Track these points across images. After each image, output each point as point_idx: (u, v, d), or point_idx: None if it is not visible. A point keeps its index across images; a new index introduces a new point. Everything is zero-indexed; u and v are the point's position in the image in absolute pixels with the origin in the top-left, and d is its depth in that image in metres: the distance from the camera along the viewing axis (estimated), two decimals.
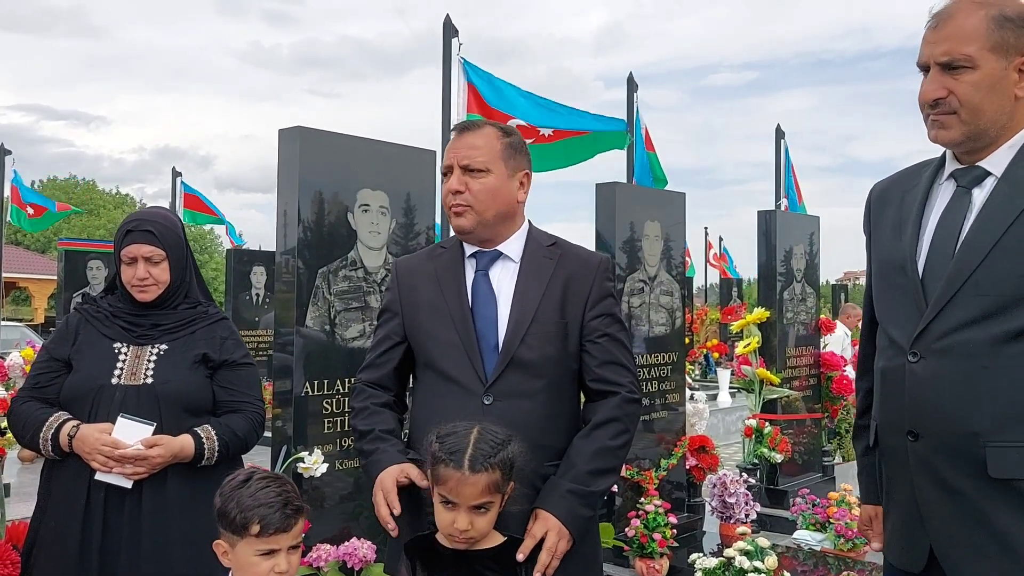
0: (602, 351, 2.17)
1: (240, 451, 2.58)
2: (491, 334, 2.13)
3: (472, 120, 2.29)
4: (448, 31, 5.45)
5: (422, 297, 2.22)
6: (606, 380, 2.16)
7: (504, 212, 2.19)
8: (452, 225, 2.20)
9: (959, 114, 1.79)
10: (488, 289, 2.18)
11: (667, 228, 5.07)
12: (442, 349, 2.15)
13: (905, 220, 1.92)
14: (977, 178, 1.85)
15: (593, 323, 2.17)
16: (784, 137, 8.31)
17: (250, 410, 2.60)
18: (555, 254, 2.22)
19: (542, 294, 2.15)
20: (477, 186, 2.15)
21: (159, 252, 2.50)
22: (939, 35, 1.80)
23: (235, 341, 2.64)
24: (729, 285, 20.58)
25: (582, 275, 2.20)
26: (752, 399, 6.12)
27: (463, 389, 2.09)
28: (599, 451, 2.08)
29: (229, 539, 1.92)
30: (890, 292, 1.93)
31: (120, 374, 2.45)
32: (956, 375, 1.76)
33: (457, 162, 2.16)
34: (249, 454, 2.67)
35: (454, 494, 1.85)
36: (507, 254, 2.21)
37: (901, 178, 2.05)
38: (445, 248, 2.30)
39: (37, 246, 36.97)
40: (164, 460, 2.37)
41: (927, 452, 1.81)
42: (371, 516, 3.58)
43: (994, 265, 1.75)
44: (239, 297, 10.76)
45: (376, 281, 3.70)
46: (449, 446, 1.87)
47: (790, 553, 4.37)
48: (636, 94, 7.17)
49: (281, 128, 3.51)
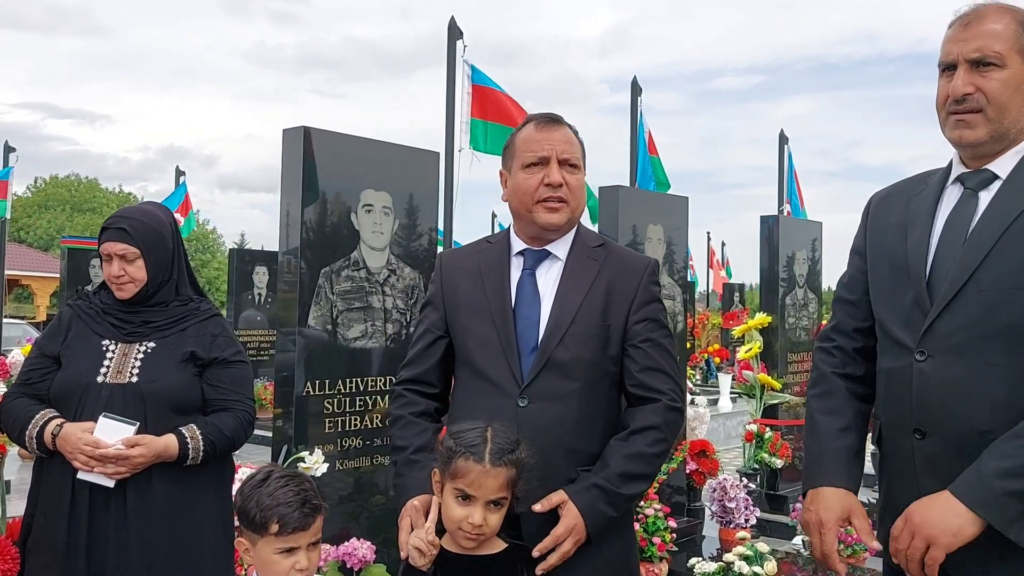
0: (644, 356, 2.10)
1: (228, 450, 2.54)
2: (532, 335, 2.08)
3: (554, 114, 2.19)
4: (453, 33, 5.45)
5: (463, 292, 2.18)
6: (647, 386, 2.09)
7: (583, 210, 2.19)
8: (541, 221, 2.11)
9: (985, 112, 1.81)
10: (533, 289, 2.13)
11: (669, 232, 5.07)
12: (479, 347, 2.11)
13: (912, 222, 1.93)
14: (984, 181, 1.86)
15: (637, 327, 2.11)
16: (788, 142, 8.31)
17: (239, 408, 2.54)
18: (601, 255, 2.16)
19: (584, 296, 2.09)
20: (574, 181, 2.11)
21: (132, 250, 2.48)
22: (969, 33, 1.81)
23: (227, 338, 2.59)
24: (731, 290, 20.58)
25: (628, 277, 2.14)
26: (753, 404, 6.12)
27: (498, 389, 2.06)
28: (634, 455, 2.03)
29: (250, 537, 1.93)
30: (893, 292, 1.93)
31: (106, 372, 2.43)
32: (964, 373, 1.77)
33: (557, 155, 2.09)
34: (250, 454, 2.67)
35: (474, 487, 1.83)
36: (555, 253, 2.16)
37: (905, 186, 2.06)
38: (492, 243, 2.25)
39: (40, 244, 37.03)
40: (146, 460, 2.35)
41: (934, 451, 1.81)
42: (371, 517, 3.60)
43: (995, 263, 1.76)
44: (241, 297, 10.77)
45: (379, 281, 3.70)
46: (468, 440, 1.86)
47: (789, 558, 4.37)
48: (640, 98, 7.17)
49: (285, 128, 3.51)
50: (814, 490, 1.97)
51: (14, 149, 10.87)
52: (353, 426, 3.60)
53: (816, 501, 1.94)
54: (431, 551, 1.87)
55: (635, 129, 7.07)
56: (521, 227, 2.21)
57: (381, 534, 3.42)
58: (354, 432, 3.60)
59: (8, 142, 10.90)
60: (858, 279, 2.07)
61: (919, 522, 1.74)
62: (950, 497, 1.71)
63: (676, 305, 5.09)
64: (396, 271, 3.77)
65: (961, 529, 1.68)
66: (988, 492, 1.67)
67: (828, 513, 1.89)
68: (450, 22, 5.46)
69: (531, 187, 2.11)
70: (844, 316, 2.09)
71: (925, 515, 1.74)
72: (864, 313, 2.04)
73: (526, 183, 2.12)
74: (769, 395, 6.06)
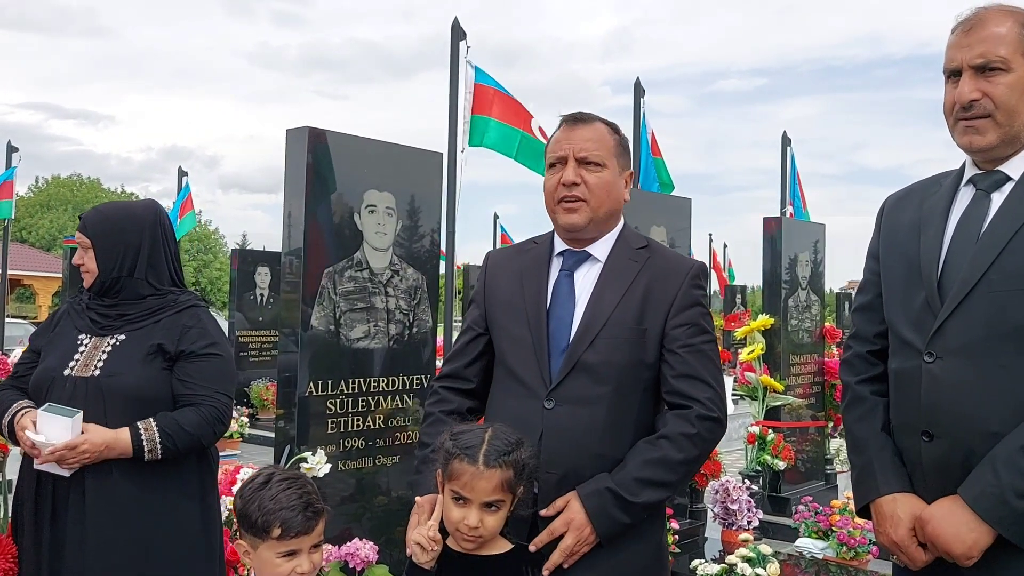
0: (681, 363, 2.02)
1: (190, 447, 2.39)
2: (563, 336, 2.05)
3: (582, 112, 2.15)
4: (456, 34, 5.45)
5: (502, 291, 2.17)
6: (681, 394, 2.01)
7: (613, 210, 2.13)
8: (561, 221, 2.10)
9: (994, 116, 1.80)
10: (569, 290, 2.11)
11: (672, 233, 5.07)
12: (512, 346, 2.10)
13: (926, 222, 1.93)
14: (997, 182, 1.86)
15: (675, 332, 2.03)
16: (790, 144, 8.31)
17: (206, 404, 2.40)
18: (643, 257, 2.11)
19: (620, 298, 2.04)
20: (593, 180, 2.06)
21: (85, 240, 2.50)
22: (972, 39, 1.80)
23: (200, 331, 2.48)
24: (732, 291, 20.58)
25: (668, 280, 2.07)
26: (755, 406, 6.11)
27: (527, 390, 2.04)
28: (655, 461, 1.96)
29: (250, 540, 1.93)
30: (904, 293, 1.92)
31: (74, 365, 2.42)
32: (974, 374, 1.76)
33: (573, 153, 2.06)
34: (252, 455, 2.66)
35: (467, 489, 1.84)
36: (595, 255, 2.13)
37: (919, 187, 2.05)
38: (537, 244, 2.23)
39: (42, 244, 37.06)
40: (93, 450, 2.27)
41: (942, 453, 1.80)
42: (373, 517, 3.59)
43: (1006, 263, 1.76)
44: (243, 297, 10.77)
45: (382, 282, 3.70)
46: (464, 442, 1.86)
47: (792, 561, 4.36)
48: (643, 99, 7.17)
49: (289, 128, 3.51)
50: (875, 504, 1.92)
51: (17, 149, 10.89)
52: (356, 427, 3.59)
53: (882, 521, 1.89)
54: (432, 547, 1.87)
55: (638, 131, 7.06)
56: (556, 229, 2.19)
57: (383, 534, 3.42)
58: (356, 433, 3.60)
59: (11, 142, 10.92)
60: (873, 282, 2.06)
61: (935, 533, 1.76)
62: (966, 509, 1.73)
63: None
64: (399, 272, 3.77)
65: (977, 543, 1.71)
66: (1009, 511, 1.69)
67: (898, 530, 1.85)
68: (453, 23, 5.46)
69: (551, 188, 2.11)
70: (861, 322, 2.08)
71: (941, 526, 1.75)
72: (880, 316, 2.02)
73: (547, 184, 2.12)
74: (771, 397, 6.06)
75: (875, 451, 1.94)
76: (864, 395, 2.01)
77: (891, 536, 1.86)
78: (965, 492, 1.74)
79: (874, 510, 1.92)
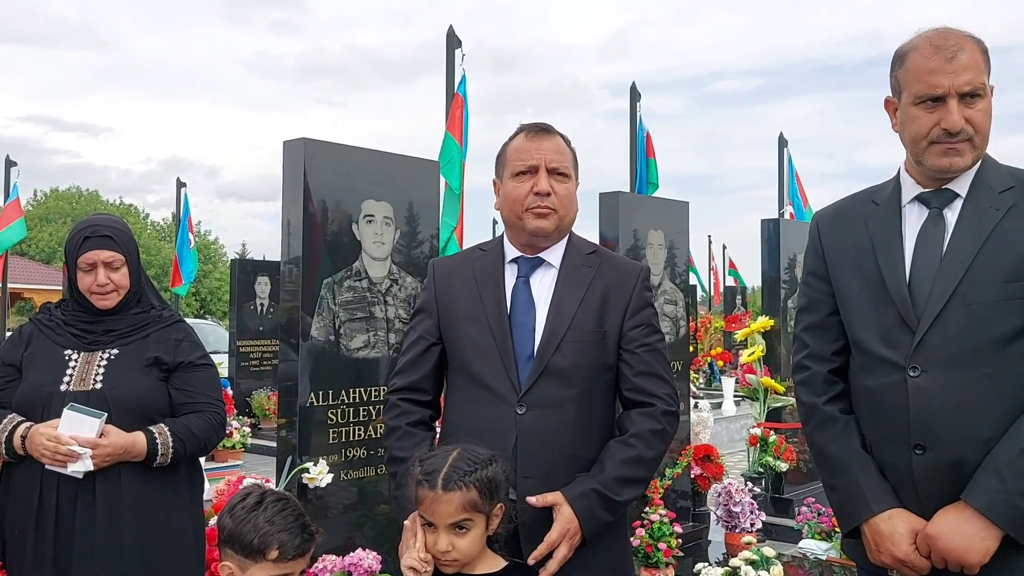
0: (640, 361, 2.13)
1: (198, 451, 2.53)
2: (527, 342, 2.11)
3: (544, 123, 2.23)
4: (451, 41, 5.48)
5: (459, 300, 2.20)
6: (643, 391, 2.12)
7: (574, 219, 2.23)
8: (530, 227, 2.15)
9: (973, 141, 1.86)
10: (528, 297, 2.16)
11: (671, 236, 5.08)
12: (477, 354, 2.12)
13: (879, 243, 1.96)
14: (947, 200, 1.92)
15: (632, 332, 2.14)
16: (787, 145, 8.33)
17: (209, 410, 2.53)
18: (594, 262, 2.20)
19: (579, 303, 2.12)
20: (562, 190, 2.15)
21: (119, 257, 2.48)
22: (956, 66, 1.83)
23: (191, 343, 2.58)
24: (732, 292, 20.60)
25: (621, 284, 2.17)
26: (756, 408, 6.11)
27: (497, 396, 2.08)
28: (631, 459, 2.05)
29: (239, 562, 1.88)
30: (872, 312, 1.94)
31: (70, 381, 2.43)
32: (962, 385, 1.80)
33: (546, 164, 2.13)
34: (254, 464, 2.68)
35: (430, 513, 1.85)
36: (548, 261, 2.19)
37: (850, 204, 2.10)
38: (484, 251, 2.27)
39: (42, 256, 37.07)
40: (113, 451, 2.33)
41: (936, 463, 1.82)
42: (375, 526, 3.60)
43: (976, 277, 1.81)
44: (243, 307, 10.77)
45: (381, 291, 3.70)
46: (427, 467, 1.88)
47: (795, 562, 4.36)
48: (639, 103, 7.19)
49: (286, 139, 3.52)
50: (869, 524, 1.90)
51: (15, 163, 10.89)
52: (357, 436, 3.59)
53: (881, 540, 1.87)
54: (425, 568, 1.87)
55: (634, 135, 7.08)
56: (513, 235, 2.23)
57: (386, 543, 3.42)
58: (358, 442, 3.60)
59: (10, 156, 10.92)
60: (822, 301, 2.07)
61: (947, 548, 1.77)
62: (975, 518, 1.75)
63: (678, 310, 5.10)
64: (398, 281, 3.77)
65: (989, 549, 1.74)
66: (1020, 514, 1.72)
67: (900, 548, 1.84)
68: (448, 31, 5.49)
69: (520, 195, 2.14)
70: (816, 341, 2.07)
71: (952, 540, 1.76)
72: (835, 334, 2.04)
73: (516, 191, 2.15)
74: (772, 398, 6.06)
75: (859, 470, 1.93)
76: (834, 415, 2.01)
77: (894, 554, 1.85)
78: (974, 501, 1.75)
79: (868, 530, 1.90)
